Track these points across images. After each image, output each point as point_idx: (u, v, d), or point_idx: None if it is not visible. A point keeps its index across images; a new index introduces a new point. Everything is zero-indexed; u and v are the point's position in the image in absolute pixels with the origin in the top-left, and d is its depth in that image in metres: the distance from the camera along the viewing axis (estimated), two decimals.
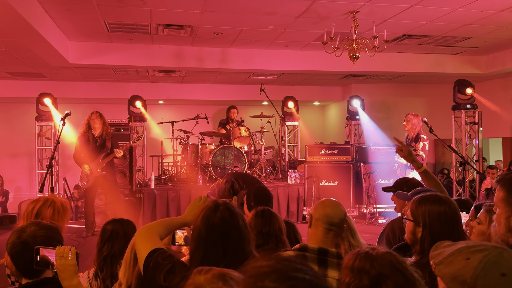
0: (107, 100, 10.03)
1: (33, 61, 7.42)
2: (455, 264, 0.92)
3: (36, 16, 5.14)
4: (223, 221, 1.62)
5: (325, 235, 1.98)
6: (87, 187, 6.02)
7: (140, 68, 8.18)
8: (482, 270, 0.88)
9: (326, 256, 1.92)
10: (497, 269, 0.87)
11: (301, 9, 5.61)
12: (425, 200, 2.01)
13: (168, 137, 8.22)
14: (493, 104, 9.05)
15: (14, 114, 10.12)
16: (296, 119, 8.80)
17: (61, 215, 2.56)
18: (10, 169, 10.01)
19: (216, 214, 1.64)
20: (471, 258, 0.91)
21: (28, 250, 1.87)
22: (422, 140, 5.85)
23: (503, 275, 0.86)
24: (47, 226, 2.00)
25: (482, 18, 6.06)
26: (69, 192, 8.49)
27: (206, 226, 1.62)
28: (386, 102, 10.33)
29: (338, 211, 2.03)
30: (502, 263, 0.88)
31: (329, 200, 2.11)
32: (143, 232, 1.77)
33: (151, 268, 1.60)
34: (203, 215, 1.66)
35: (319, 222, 1.99)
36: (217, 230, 1.61)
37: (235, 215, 1.66)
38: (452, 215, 1.93)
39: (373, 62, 7.19)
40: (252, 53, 7.80)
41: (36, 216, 2.47)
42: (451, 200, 1.99)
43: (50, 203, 2.54)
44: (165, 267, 1.57)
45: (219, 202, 1.70)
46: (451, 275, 0.91)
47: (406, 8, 5.62)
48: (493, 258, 0.89)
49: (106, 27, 6.29)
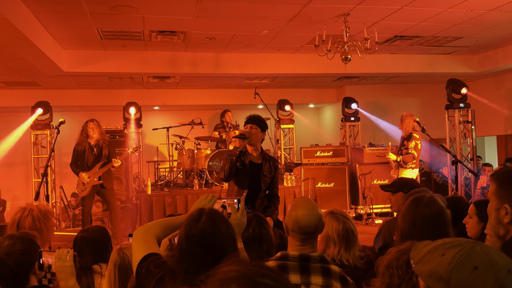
0: (102, 108, 10.05)
1: (27, 70, 7.44)
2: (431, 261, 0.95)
3: (29, 26, 5.17)
4: (203, 234, 1.54)
5: (303, 243, 1.93)
6: (83, 195, 6.02)
7: (135, 75, 8.21)
8: (455, 265, 0.91)
9: (308, 262, 1.88)
10: (470, 263, 0.90)
11: (293, 13, 5.65)
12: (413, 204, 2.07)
13: (163, 142, 8.24)
14: (490, 102, 9.13)
15: (10, 123, 10.12)
16: (291, 122, 8.84)
17: (42, 221, 2.58)
18: (7, 178, 10.00)
19: (197, 225, 1.56)
20: (446, 254, 0.94)
21: (5, 268, 1.88)
22: (415, 139, 5.89)
23: (475, 268, 0.89)
24: (21, 239, 1.99)
25: (472, 18, 6.12)
26: (66, 200, 8.48)
27: (187, 239, 1.56)
28: (380, 103, 10.39)
29: (312, 219, 1.92)
30: (473, 257, 0.91)
31: (301, 204, 1.97)
32: (140, 233, 1.73)
33: (142, 274, 1.59)
34: (185, 225, 1.59)
35: (294, 233, 1.93)
36: (197, 243, 1.54)
37: (216, 224, 1.57)
38: (433, 217, 1.98)
39: (366, 64, 7.24)
40: (245, 57, 7.84)
41: (17, 228, 2.50)
42: (434, 200, 2.04)
43: (28, 212, 2.56)
44: (156, 275, 1.55)
45: (203, 212, 1.61)
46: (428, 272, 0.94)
47: (396, 10, 5.67)
48: (465, 253, 0.92)
49: (100, 35, 6.32)
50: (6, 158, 9.69)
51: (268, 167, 3.77)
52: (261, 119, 3.87)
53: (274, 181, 3.84)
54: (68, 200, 8.62)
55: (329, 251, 2.33)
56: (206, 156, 7.46)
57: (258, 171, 3.74)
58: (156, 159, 8.62)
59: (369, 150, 7.90)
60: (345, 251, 2.33)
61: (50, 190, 7.15)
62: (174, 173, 8.03)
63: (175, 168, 8.03)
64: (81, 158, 6.00)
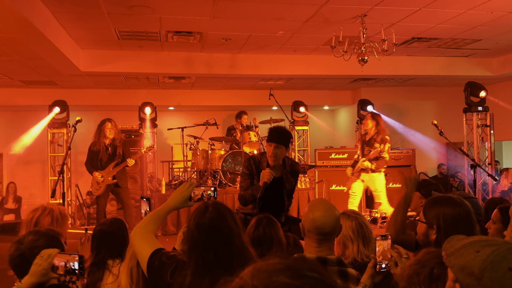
0: (118, 107, 10.14)
1: (45, 70, 7.55)
2: (465, 256, 0.95)
3: (48, 25, 5.23)
4: (212, 221, 1.72)
5: (319, 244, 1.91)
6: (98, 194, 6.07)
7: (151, 75, 8.27)
8: (491, 263, 0.90)
9: (325, 265, 1.86)
10: (505, 263, 0.90)
11: (309, 14, 5.62)
12: (438, 202, 1.98)
13: (178, 142, 8.28)
14: (509, 105, 8.95)
15: (27, 122, 10.28)
16: (306, 123, 8.80)
17: (59, 223, 2.59)
18: (24, 176, 10.16)
19: (205, 215, 1.74)
20: (481, 251, 0.93)
21: (27, 262, 1.88)
22: (388, 142, 5.87)
23: (511, 269, 0.88)
24: (45, 235, 2.00)
25: (492, 20, 6.01)
26: (81, 199, 8.57)
27: (197, 228, 1.72)
28: (396, 105, 10.27)
29: (328, 220, 1.90)
30: (510, 258, 0.90)
31: (319, 205, 1.97)
32: (139, 233, 1.86)
33: (156, 267, 1.72)
34: (194, 217, 1.75)
35: (311, 233, 1.91)
36: (206, 230, 1.71)
37: (223, 214, 1.75)
38: (466, 218, 1.91)
39: (383, 66, 7.16)
40: (261, 58, 7.83)
41: (35, 225, 2.51)
42: (465, 202, 1.97)
43: (48, 211, 2.58)
44: (170, 266, 1.70)
45: (208, 203, 1.79)
46: (460, 266, 0.94)
47: (414, 11, 5.60)
48: (502, 253, 0.91)
49: (117, 35, 6.37)
50: (23, 156, 9.85)
51: (288, 178, 3.62)
52: (285, 135, 3.51)
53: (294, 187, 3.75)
54: (83, 199, 8.72)
55: (348, 252, 2.29)
56: (220, 157, 7.46)
57: (279, 184, 3.59)
58: (171, 159, 8.66)
59: None
60: (364, 247, 2.30)
61: (66, 188, 7.24)
62: (188, 173, 8.06)
63: (189, 168, 8.05)
64: (96, 157, 6.06)
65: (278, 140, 3.44)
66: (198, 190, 2.06)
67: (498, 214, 2.28)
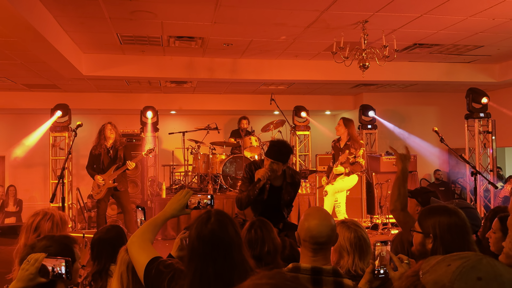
0: (120, 111, 10.17)
1: (48, 73, 7.58)
2: (437, 271, 0.96)
3: (50, 30, 5.26)
4: (213, 234, 1.68)
5: (315, 254, 1.89)
6: (99, 198, 6.07)
7: (153, 79, 8.29)
8: (459, 274, 0.91)
9: (321, 275, 1.84)
10: (474, 274, 0.90)
11: (310, 19, 5.63)
12: (433, 211, 1.99)
13: (179, 147, 8.29)
14: (511, 112, 8.92)
15: (29, 125, 10.32)
16: (307, 128, 8.80)
17: (59, 229, 2.59)
18: (25, 179, 10.19)
19: (207, 226, 1.69)
20: (452, 264, 0.94)
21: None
22: (362, 146, 5.87)
23: (479, 279, 0.89)
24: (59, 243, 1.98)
25: (494, 26, 6.00)
26: (82, 202, 8.59)
27: (198, 239, 1.68)
28: (398, 111, 10.26)
29: (324, 229, 1.87)
30: (479, 268, 0.91)
31: (314, 214, 1.95)
32: (136, 242, 1.85)
33: (153, 275, 1.70)
34: (196, 226, 1.72)
35: (306, 243, 1.89)
36: (208, 242, 1.67)
37: (225, 225, 1.71)
38: (461, 226, 1.91)
39: (384, 71, 7.17)
40: (262, 63, 7.85)
41: (35, 229, 2.51)
42: (459, 211, 1.98)
43: (49, 216, 2.58)
44: (167, 275, 1.69)
45: (210, 213, 1.74)
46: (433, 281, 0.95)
47: (416, 17, 5.60)
48: (471, 264, 0.92)
49: (119, 40, 6.39)
50: (25, 159, 9.88)
51: (288, 189, 3.61)
52: (284, 151, 3.49)
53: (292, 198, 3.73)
54: (84, 202, 8.73)
55: (343, 262, 2.28)
56: (221, 161, 7.46)
57: (278, 193, 3.59)
58: (172, 163, 8.67)
59: (386, 159, 7.79)
60: (359, 260, 2.28)
61: (67, 192, 7.25)
62: (189, 177, 8.06)
63: (190, 173, 8.06)
64: (97, 161, 6.07)
65: (276, 157, 3.44)
66: (195, 198, 2.03)
67: (498, 224, 2.27)
